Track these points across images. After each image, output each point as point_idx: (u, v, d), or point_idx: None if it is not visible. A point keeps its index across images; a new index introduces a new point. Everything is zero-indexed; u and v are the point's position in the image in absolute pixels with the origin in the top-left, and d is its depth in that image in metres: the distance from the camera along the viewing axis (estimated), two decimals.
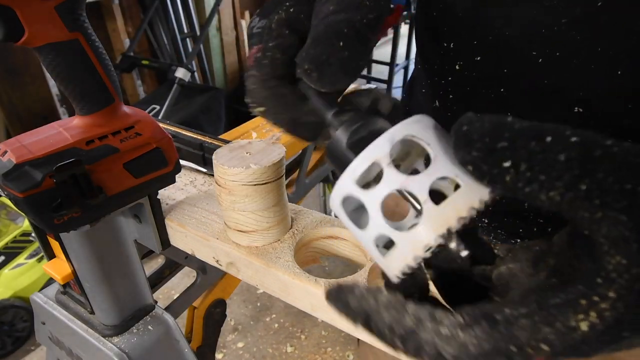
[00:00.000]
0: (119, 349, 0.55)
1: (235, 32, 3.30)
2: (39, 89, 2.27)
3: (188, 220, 0.51)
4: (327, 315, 0.40)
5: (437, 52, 0.44)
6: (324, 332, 1.78)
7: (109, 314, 0.55)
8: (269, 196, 0.43)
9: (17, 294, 1.64)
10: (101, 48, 0.43)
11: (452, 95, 0.44)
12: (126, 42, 2.62)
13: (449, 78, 0.43)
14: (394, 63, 3.21)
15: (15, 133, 2.16)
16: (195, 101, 2.57)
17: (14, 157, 0.39)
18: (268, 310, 1.90)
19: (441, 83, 0.45)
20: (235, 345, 1.75)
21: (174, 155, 0.49)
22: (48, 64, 0.40)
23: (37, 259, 1.71)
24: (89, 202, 0.42)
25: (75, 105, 0.43)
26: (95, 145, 0.43)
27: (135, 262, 0.55)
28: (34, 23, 0.38)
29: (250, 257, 0.44)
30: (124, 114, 0.46)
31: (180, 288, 0.80)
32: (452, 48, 0.41)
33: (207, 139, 0.66)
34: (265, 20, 0.30)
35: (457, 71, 0.42)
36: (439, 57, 0.44)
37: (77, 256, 0.50)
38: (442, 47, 0.42)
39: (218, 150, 0.44)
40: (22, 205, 0.39)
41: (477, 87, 0.41)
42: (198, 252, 0.51)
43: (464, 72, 0.41)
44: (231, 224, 0.45)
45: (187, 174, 0.62)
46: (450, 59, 0.42)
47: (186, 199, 0.55)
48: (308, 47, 0.27)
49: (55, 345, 0.64)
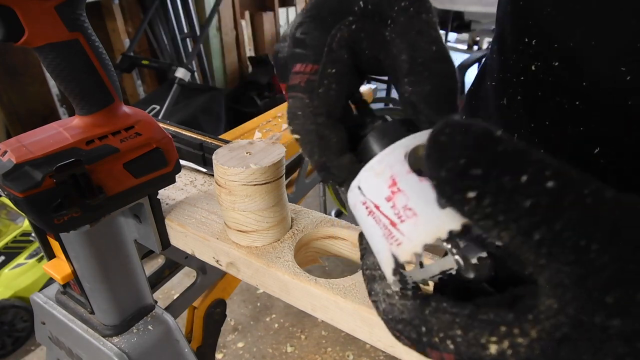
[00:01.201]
0: (119, 349, 0.55)
1: (235, 32, 3.30)
2: (39, 89, 2.27)
3: (188, 220, 0.51)
4: (327, 315, 0.40)
5: (515, 46, 0.40)
6: (324, 332, 1.78)
7: (109, 314, 0.55)
8: (269, 196, 0.43)
9: (17, 294, 1.64)
10: (101, 48, 0.43)
11: (521, 96, 0.41)
12: (126, 42, 2.62)
13: (521, 77, 0.40)
14: None
15: (15, 133, 2.16)
16: (195, 101, 2.57)
17: (14, 157, 0.39)
18: (268, 310, 1.90)
19: (512, 81, 0.41)
20: (235, 345, 1.75)
21: (174, 155, 0.49)
22: (48, 64, 0.40)
23: (37, 259, 1.71)
24: (89, 202, 0.42)
25: (75, 105, 0.43)
26: (95, 145, 0.43)
27: (135, 262, 0.55)
28: (34, 23, 0.38)
29: (250, 257, 0.44)
30: (124, 114, 0.46)
31: (180, 288, 0.80)
32: (533, 45, 0.37)
33: (207, 139, 0.66)
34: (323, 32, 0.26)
35: (532, 72, 0.38)
36: (517, 52, 0.40)
37: (77, 256, 0.50)
38: (522, 42, 0.38)
39: (218, 150, 0.44)
40: (22, 205, 0.39)
41: (549, 94, 0.37)
42: (198, 252, 0.51)
43: (539, 75, 0.37)
44: (231, 224, 0.45)
45: (187, 174, 0.62)
46: (529, 56, 0.38)
47: (186, 199, 0.55)
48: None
49: (55, 345, 0.64)
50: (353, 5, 0.27)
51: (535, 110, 0.40)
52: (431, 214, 0.21)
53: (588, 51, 0.33)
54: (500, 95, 0.44)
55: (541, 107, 0.39)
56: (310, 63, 0.27)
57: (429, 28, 0.26)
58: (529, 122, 0.41)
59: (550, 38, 0.36)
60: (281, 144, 0.45)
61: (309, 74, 0.27)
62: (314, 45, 0.27)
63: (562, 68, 0.36)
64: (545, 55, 0.37)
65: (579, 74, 0.34)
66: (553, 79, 0.37)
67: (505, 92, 0.43)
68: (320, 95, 0.26)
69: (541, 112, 0.39)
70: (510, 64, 0.42)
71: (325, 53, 0.27)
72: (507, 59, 0.42)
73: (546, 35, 0.36)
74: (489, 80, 0.48)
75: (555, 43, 0.35)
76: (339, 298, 0.38)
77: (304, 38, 0.27)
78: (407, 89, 0.26)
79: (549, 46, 0.36)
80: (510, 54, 0.42)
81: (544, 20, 0.36)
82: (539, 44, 0.37)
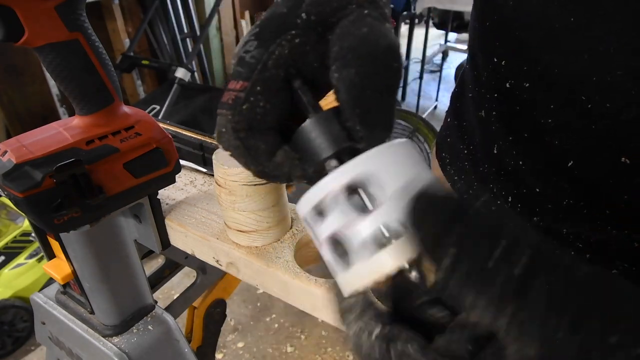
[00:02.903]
0: (119, 349, 0.55)
1: (235, 32, 3.30)
2: (39, 89, 2.27)
3: (188, 220, 0.51)
4: (327, 315, 0.40)
5: (486, 65, 0.41)
6: (324, 332, 1.78)
7: (109, 314, 0.55)
8: (269, 196, 0.43)
9: (17, 294, 1.64)
10: (101, 48, 0.43)
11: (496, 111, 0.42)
12: (126, 42, 2.62)
13: (495, 94, 0.41)
14: None
15: (15, 133, 2.16)
16: (195, 101, 2.57)
17: (14, 157, 0.39)
18: (268, 310, 1.89)
19: (487, 97, 0.42)
20: (235, 345, 1.75)
21: (174, 155, 0.48)
22: (48, 64, 0.40)
23: (37, 259, 1.71)
24: (89, 202, 0.42)
25: (75, 105, 0.43)
26: (95, 145, 0.43)
27: (135, 262, 0.55)
28: (34, 23, 0.38)
29: (250, 257, 0.44)
30: (124, 114, 0.46)
31: (180, 288, 0.80)
32: (504, 66, 0.38)
33: (207, 139, 0.66)
34: (262, 50, 0.26)
35: (506, 89, 0.39)
36: (488, 70, 0.41)
37: (77, 256, 0.50)
38: (492, 61, 0.39)
39: (218, 150, 0.44)
40: (22, 205, 0.39)
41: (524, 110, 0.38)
42: (198, 252, 0.51)
43: (514, 92, 0.38)
44: (231, 224, 0.45)
45: (187, 174, 0.62)
46: (501, 75, 0.39)
47: (186, 199, 0.55)
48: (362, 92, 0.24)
49: (55, 345, 0.64)
50: (296, 18, 0.26)
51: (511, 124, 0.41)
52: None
53: (555, 76, 0.34)
54: (477, 108, 0.45)
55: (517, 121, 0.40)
56: (242, 80, 0.26)
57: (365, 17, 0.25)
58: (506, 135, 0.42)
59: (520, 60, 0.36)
60: None
61: (237, 91, 0.26)
62: (251, 63, 0.26)
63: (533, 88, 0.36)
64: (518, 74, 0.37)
65: (547, 97, 0.35)
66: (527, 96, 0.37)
67: (482, 106, 0.44)
68: (242, 111, 0.26)
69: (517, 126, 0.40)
70: (483, 80, 0.42)
71: (257, 70, 0.26)
72: (479, 75, 0.43)
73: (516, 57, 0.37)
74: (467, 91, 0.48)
75: (525, 65, 0.36)
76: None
77: (244, 56, 0.26)
78: (333, 76, 0.24)
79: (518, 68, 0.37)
80: (482, 71, 0.42)
81: (513, 43, 0.37)
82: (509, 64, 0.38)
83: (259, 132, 0.26)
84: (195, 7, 2.94)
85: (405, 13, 3.12)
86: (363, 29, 0.24)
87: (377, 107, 0.24)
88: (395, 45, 0.24)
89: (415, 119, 2.23)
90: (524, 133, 0.40)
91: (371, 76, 0.24)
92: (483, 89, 0.43)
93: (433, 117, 3.45)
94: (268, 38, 0.26)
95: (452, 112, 0.55)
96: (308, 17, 0.26)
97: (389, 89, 0.24)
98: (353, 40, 0.24)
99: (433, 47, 4.36)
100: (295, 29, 0.26)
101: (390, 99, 0.24)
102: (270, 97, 0.26)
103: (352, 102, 0.24)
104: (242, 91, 0.26)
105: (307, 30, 0.26)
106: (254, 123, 0.26)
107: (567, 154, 0.37)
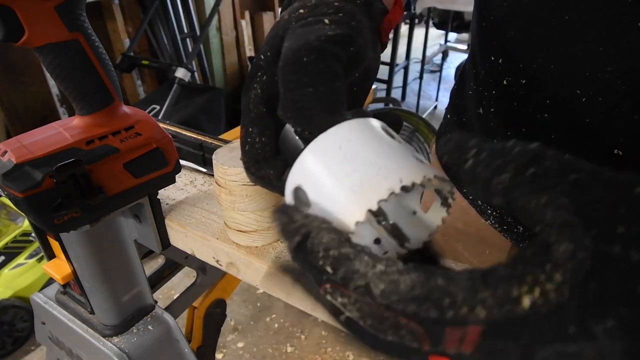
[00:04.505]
0: (119, 349, 0.55)
1: (235, 32, 3.30)
2: (39, 89, 2.27)
3: (188, 220, 0.51)
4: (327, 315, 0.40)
5: (484, 63, 0.43)
6: (324, 332, 1.78)
7: (109, 314, 0.55)
8: (269, 196, 0.43)
9: (17, 294, 1.64)
10: (101, 48, 0.43)
11: (495, 108, 0.43)
12: (126, 42, 2.62)
13: (493, 91, 0.42)
14: (394, 63, 3.21)
15: (15, 133, 2.16)
16: (195, 101, 2.57)
17: (14, 157, 0.39)
18: (268, 310, 1.89)
19: (485, 94, 0.44)
20: (235, 345, 1.75)
21: (174, 155, 0.49)
22: (48, 64, 0.40)
23: (37, 259, 1.71)
24: (89, 202, 0.42)
25: (75, 105, 0.43)
26: (95, 145, 0.43)
27: (135, 262, 0.55)
28: (34, 23, 0.38)
29: (250, 257, 0.44)
30: (124, 114, 0.46)
31: (180, 288, 0.80)
32: (501, 64, 0.40)
33: (207, 139, 0.66)
34: (245, 98, 0.31)
35: (504, 86, 0.40)
36: (486, 69, 0.42)
37: (77, 256, 0.50)
38: (489, 60, 0.41)
39: (218, 150, 0.44)
40: (22, 205, 0.39)
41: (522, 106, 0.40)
42: (198, 252, 0.51)
43: (511, 89, 0.40)
44: (231, 224, 0.45)
45: (187, 174, 0.62)
46: (499, 73, 0.41)
47: (186, 199, 0.55)
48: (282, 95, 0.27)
49: (55, 345, 0.64)
50: (259, 61, 0.30)
51: (509, 120, 0.42)
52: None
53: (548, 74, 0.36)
54: (477, 104, 0.46)
55: (515, 117, 0.41)
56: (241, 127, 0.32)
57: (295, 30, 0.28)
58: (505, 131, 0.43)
59: (515, 59, 0.38)
60: None
61: (241, 137, 0.31)
62: (243, 112, 0.31)
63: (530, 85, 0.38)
64: (514, 72, 0.39)
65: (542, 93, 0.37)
66: (523, 93, 0.39)
67: (481, 102, 0.45)
68: (246, 152, 0.31)
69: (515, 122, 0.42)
70: (481, 78, 0.44)
71: (244, 115, 0.31)
72: (478, 72, 0.45)
73: (511, 56, 0.39)
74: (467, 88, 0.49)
75: (520, 63, 0.38)
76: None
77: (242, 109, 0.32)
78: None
79: (514, 66, 0.39)
80: (480, 69, 0.44)
81: (508, 43, 0.39)
82: (505, 62, 0.40)
83: (264, 164, 0.31)
84: (195, 7, 2.94)
85: (406, 13, 3.11)
86: (286, 44, 0.27)
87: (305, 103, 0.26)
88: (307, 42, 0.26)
89: (415, 119, 2.23)
90: (522, 128, 0.41)
91: (289, 81, 0.26)
92: (482, 86, 0.44)
93: (433, 117, 3.45)
94: (248, 87, 0.31)
95: (451, 109, 0.56)
96: (265, 55, 0.30)
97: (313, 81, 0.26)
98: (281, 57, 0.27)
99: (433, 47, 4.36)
100: (260, 70, 0.30)
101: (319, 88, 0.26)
102: (262, 132, 0.30)
103: (282, 113, 0.27)
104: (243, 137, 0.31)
105: (270, 65, 0.30)
106: (258, 157, 0.31)
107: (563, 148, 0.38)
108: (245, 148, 0.31)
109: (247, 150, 0.31)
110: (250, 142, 0.30)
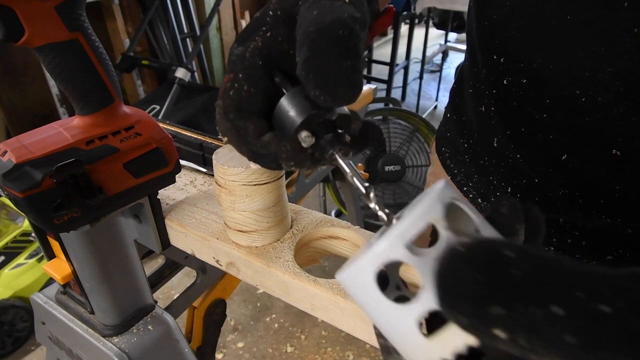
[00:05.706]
0: (119, 349, 0.55)
1: (235, 32, 3.30)
2: (39, 89, 2.27)
3: (188, 220, 0.51)
4: (327, 315, 0.40)
5: (485, 62, 0.43)
6: (324, 332, 1.78)
7: (109, 314, 0.55)
8: (269, 196, 0.43)
9: (17, 294, 1.64)
10: (101, 48, 0.43)
11: (495, 107, 0.43)
12: (126, 42, 2.62)
13: (493, 90, 0.42)
14: (394, 63, 3.21)
15: (15, 133, 2.16)
16: (195, 101, 2.57)
17: (14, 157, 0.39)
18: (268, 310, 1.89)
19: (485, 93, 0.43)
20: (235, 345, 1.75)
21: (174, 155, 0.49)
22: (48, 64, 0.40)
23: (37, 259, 1.70)
24: (89, 202, 0.42)
25: (75, 105, 0.43)
26: (95, 145, 0.43)
27: (135, 262, 0.55)
28: (34, 23, 0.38)
29: (250, 257, 0.44)
30: (124, 114, 0.46)
31: (180, 288, 0.80)
32: (502, 63, 0.40)
33: (207, 139, 0.66)
34: (242, 48, 0.30)
35: (504, 86, 0.40)
36: (487, 67, 0.42)
37: (77, 256, 0.50)
38: (490, 58, 0.41)
39: (218, 150, 0.44)
40: (22, 205, 0.39)
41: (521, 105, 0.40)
42: (198, 252, 0.51)
43: (511, 88, 0.40)
44: (231, 224, 0.45)
45: (187, 174, 0.62)
46: (499, 72, 0.41)
47: (186, 199, 0.55)
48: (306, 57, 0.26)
49: (55, 345, 0.64)
50: (266, 17, 0.30)
51: (509, 119, 0.42)
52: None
53: (548, 73, 0.36)
54: (476, 103, 0.46)
55: (514, 116, 0.41)
56: (228, 74, 0.30)
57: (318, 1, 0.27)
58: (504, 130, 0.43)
59: (516, 58, 0.38)
60: None
61: (225, 83, 0.30)
62: (234, 60, 0.30)
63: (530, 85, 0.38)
64: (514, 71, 0.39)
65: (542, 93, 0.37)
66: (523, 92, 0.39)
67: (481, 101, 0.45)
68: (230, 96, 0.29)
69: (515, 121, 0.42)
70: (482, 77, 0.44)
71: (239, 62, 0.30)
72: (479, 71, 0.44)
73: (512, 55, 0.39)
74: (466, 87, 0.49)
75: (521, 63, 0.38)
76: (339, 298, 0.38)
77: (230, 57, 0.31)
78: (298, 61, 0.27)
79: (515, 65, 0.39)
80: (481, 67, 0.44)
81: (508, 42, 0.39)
82: (506, 61, 0.40)
83: (247, 114, 0.29)
84: (195, 7, 2.94)
85: (405, 13, 3.11)
86: (314, 12, 0.27)
87: (333, 71, 0.26)
88: (342, 17, 0.26)
89: (416, 118, 2.23)
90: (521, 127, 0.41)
91: (319, 47, 0.25)
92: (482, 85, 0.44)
93: (433, 117, 3.45)
94: (246, 38, 0.30)
95: (451, 108, 0.56)
96: (275, 13, 0.29)
97: (344, 54, 0.26)
98: (306, 23, 0.26)
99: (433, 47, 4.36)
100: (266, 25, 0.30)
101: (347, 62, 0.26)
102: (253, 83, 0.29)
103: (304, 73, 0.26)
104: (229, 82, 0.30)
105: (277, 24, 0.29)
106: (242, 106, 0.29)
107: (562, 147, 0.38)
108: (229, 93, 0.29)
109: (231, 94, 0.29)
110: (237, 88, 0.29)
